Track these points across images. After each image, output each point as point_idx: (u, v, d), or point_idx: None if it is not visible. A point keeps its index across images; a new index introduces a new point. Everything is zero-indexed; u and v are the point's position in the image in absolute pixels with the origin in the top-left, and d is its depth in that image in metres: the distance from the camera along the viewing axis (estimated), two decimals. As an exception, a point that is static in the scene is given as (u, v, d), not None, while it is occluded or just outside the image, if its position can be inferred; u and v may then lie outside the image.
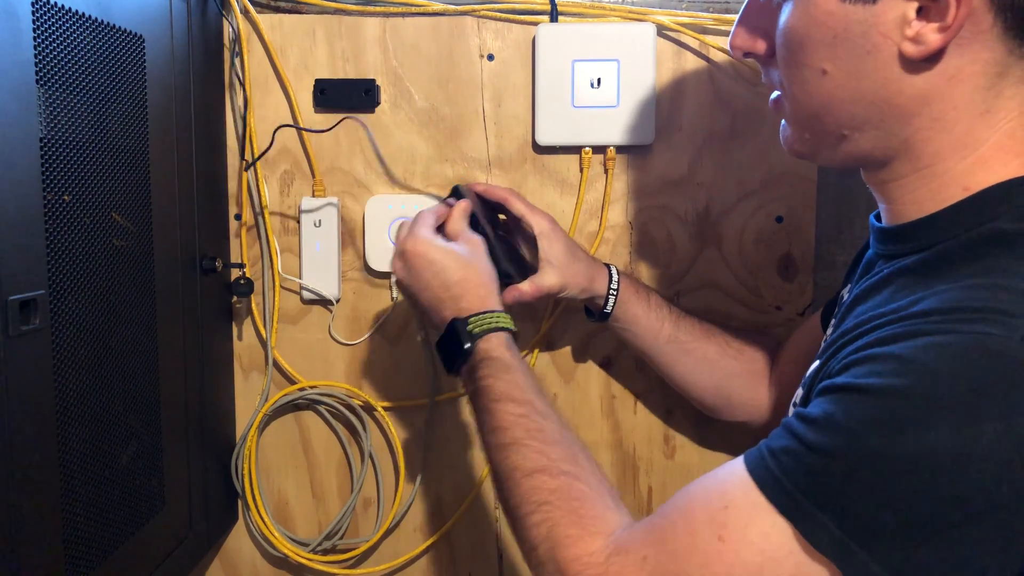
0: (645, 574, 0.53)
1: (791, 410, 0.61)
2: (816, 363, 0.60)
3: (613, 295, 0.84)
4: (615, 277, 0.84)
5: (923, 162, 0.56)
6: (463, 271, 0.74)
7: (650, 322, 0.85)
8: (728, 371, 0.86)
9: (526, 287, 0.81)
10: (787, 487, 0.49)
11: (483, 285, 0.74)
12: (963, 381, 0.45)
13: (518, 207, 0.84)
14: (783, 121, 0.62)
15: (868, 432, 0.46)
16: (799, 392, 0.61)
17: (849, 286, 0.72)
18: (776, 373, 0.86)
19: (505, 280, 0.79)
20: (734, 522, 0.51)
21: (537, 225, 0.82)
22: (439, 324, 0.74)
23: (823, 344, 0.65)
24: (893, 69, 0.53)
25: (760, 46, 0.61)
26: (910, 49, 0.52)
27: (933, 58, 0.52)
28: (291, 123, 0.95)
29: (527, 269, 0.83)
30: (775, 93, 0.62)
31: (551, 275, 0.81)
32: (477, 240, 0.77)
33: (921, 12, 0.51)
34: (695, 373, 0.87)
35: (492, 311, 0.73)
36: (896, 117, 0.55)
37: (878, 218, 0.62)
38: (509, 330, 0.72)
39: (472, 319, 0.72)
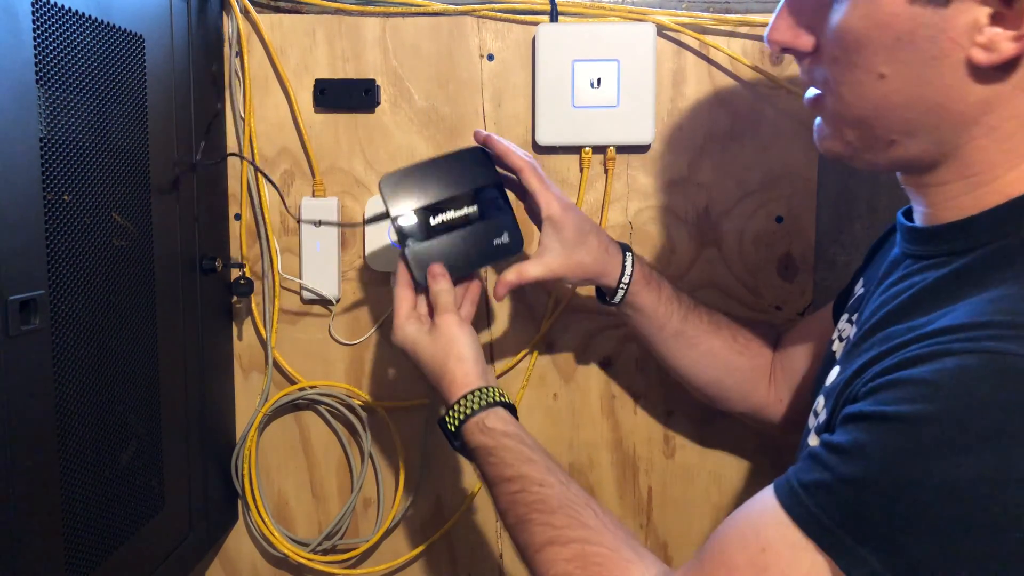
0: None
1: (812, 420, 0.60)
2: (837, 369, 0.58)
3: (623, 289, 0.80)
4: (628, 270, 0.80)
5: (972, 170, 0.53)
6: (450, 356, 0.73)
7: (658, 316, 0.83)
8: (731, 365, 0.85)
9: (510, 276, 0.77)
10: (825, 523, 0.48)
11: (472, 362, 0.73)
12: (993, 404, 0.44)
13: (532, 183, 0.78)
14: (818, 119, 0.59)
15: (902, 461, 0.45)
16: (820, 401, 0.59)
17: (862, 279, 0.71)
18: (779, 364, 0.85)
19: (499, 250, 0.79)
20: (775, 565, 0.50)
21: (546, 208, 0.77)
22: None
23: (845, 344, 0.63)
24: (958, 76, 0.50)
25: (804, 42, 0.57)
26: (980, 56, 0.49)
27: (1003, 66, 0.49)
28: (292, 124, 0.95)
29: (520, 239, 0.80)
30: (813, 91, 0.59)
31: (539, 266, 0.77)
32: (449, 317, 0.75)
33: (995, 18, 0.48)
34: (697, 366, 0.85)
35: (474, 391, 0.71)
36: (952, 124, 0.52)
37: (907, 215, 0.60)
38: (484, 407, 0.71)
39: (451, 411, 0.72)
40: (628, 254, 0.81)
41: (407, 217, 0.77)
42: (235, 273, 0.95)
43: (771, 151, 0.94)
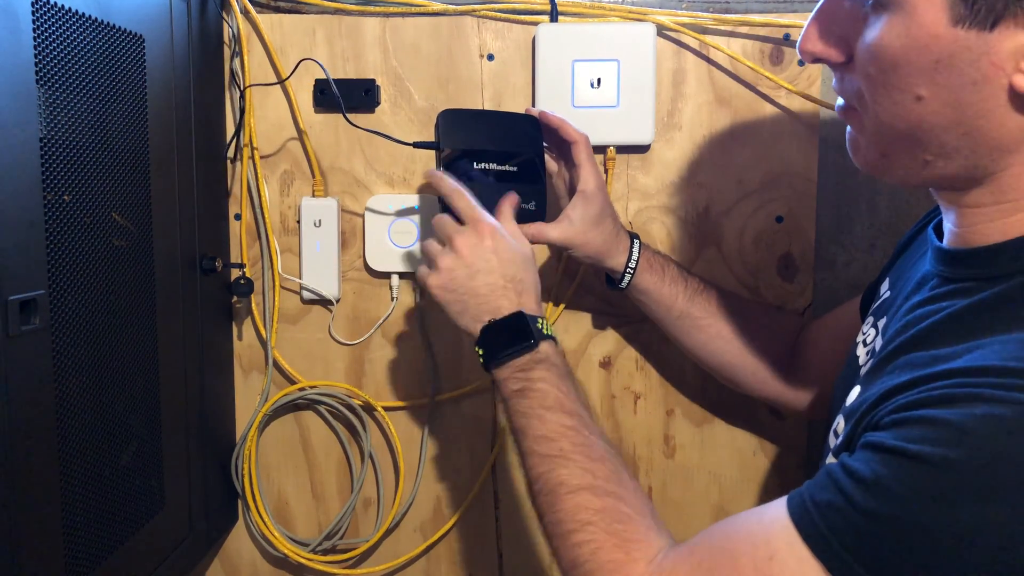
0: None
1: (832, 439, 0.60)
2: (858, 390, 0.58)
3: (629, 273, 0.83)
4: (635, 255, 0.83)
5: (1007, 196, 0.52)
6: (529, 271, 0.74)
7: (662, 297, 0.85)
8: (743, 349, 0.86)
9: (529, 230, 0.80)
10: (835, 547, 0.48)
11: (538, 293, 0.75)
12: (1020, 458, 0.43)
13: (581, 156, 0.82)
14: (849, 129, 0.58)
15: (921, 503, 0.45)
16: (840, 422, 0.58)
17: (888, 279, 0.70)
18: (803, 353, 0.86)
19: (523, 214, 0.81)
20: (779, 575, 0.50)
21: (584, 182, 0.81)
22: (488, 311, 0.72)
23: (869, 354, 0.63)
24: (999, 101, 0.49)
25: (836, 54, 0.55)
26: (1023, 83, 0.48)
27: None
28: (292, 124, 0.95)
29: (545, 212, 0.84)
30: (842, 101, 0.57)
31: (558, 231, 0.81)
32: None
33: None
34: (706, 348, 0.87)
35: (545, 319, 0.72)
36: (991, 150, 0.51)
37: (938, 230, 0.60)
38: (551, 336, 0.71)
39: (541, 319, 0.71)
40: (636, 240, 0.85)
41: (454, 153, 0.81)
42: (235, 273, 0.95)
43: (771, 151, 0.94)
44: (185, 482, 0.86)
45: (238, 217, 0.96)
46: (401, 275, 0.96)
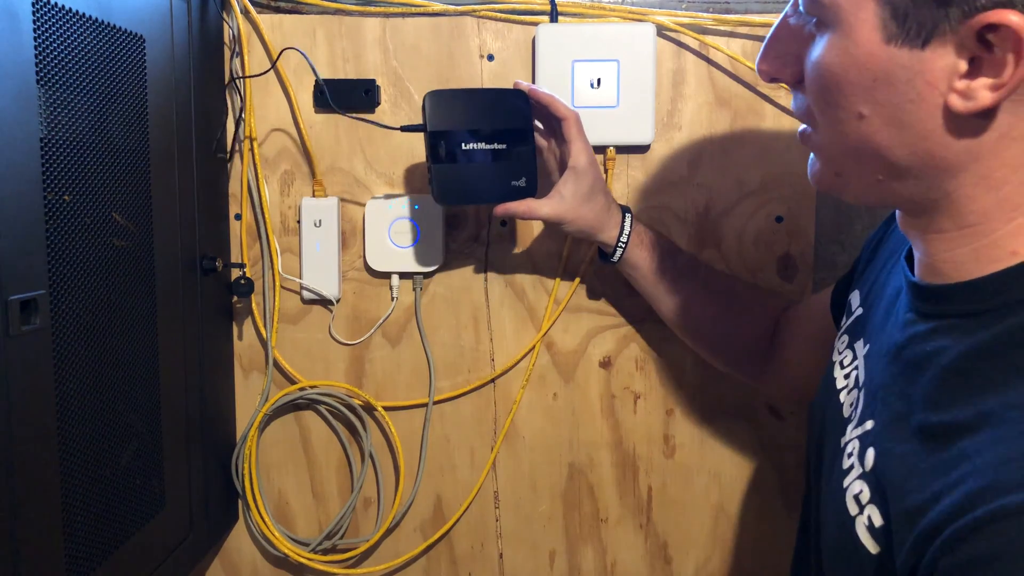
0: None
1: (845, 460, 0.57)
2: (872, 454, 0.54)
3: (621, 247, 0.85)
4: (626, 229, 0.85)
5: (967, 220, 0.51)
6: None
7: (653, 271, 0.87)
8: (726, 333, 0.89)
9: (519, 207, 0.82)
10: None
11: None
12: None
13: (572, 132, 0.83)
14: (812, 155, 0.58)
15: None
16: (863, 488, 0.54)
17: (858, 291, 0.69)
18: (780, 342, 0.87)
19: (515, 191, 0.83)
20: None
21: (575, 157, 0.82)
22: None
23: (856, 384, 0.61)
24: (938, 121, 0.48)
25: (788, 74, 0.56)
26: (958, 104, 0.47)
27: (983, 114, 0.47)
28: (292, 124, 0.95)
29: (535, 187, 0.85)
30: (803, 127, 0.58)
31: (550, 206, 0.82)
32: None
33: (973, 64, 0.46)
34: (691, 328, 0.90)
35: None
36: (940, 170, 0.50)
37: (909, 260, 0.58)
38: None
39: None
40: (627, 215, 0.86)
41: (441, 134, 0.82)
42: (235, 273, 0.95)
43: (771, 151, 0.94)
44: (185, 482, 0.86)
45: (238, 217, 0.96)
46: (401, 275, 0.96)
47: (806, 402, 0.81)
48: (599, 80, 0.91)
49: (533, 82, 0.93)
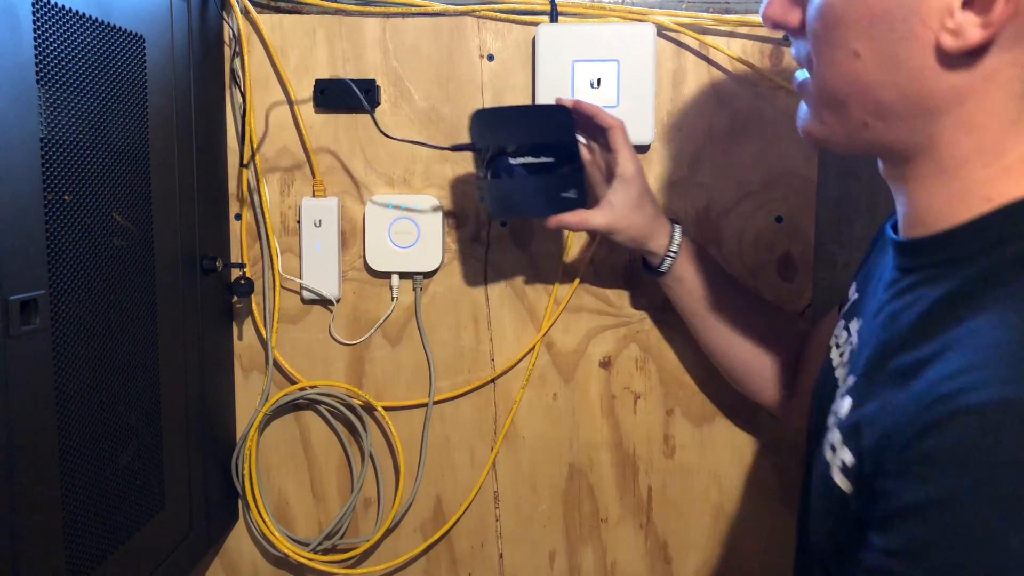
0: None
1: (828, 453, 0.57)
2: (849, 401, 0.56)
3: (671, 257, 0.85)
4: (676, 240, 0.85)
5: (945, 164, 0.53)
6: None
7: (696, 285, 0.86)
8: (760, 354, 0.88)
9: (572, 218, 0.82)
10: None
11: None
12: (1017, 465, 0.41)
13: (618, 141, 0.83)
14: (802, 104, 0.60)
15: (947, 551, 0.42)
16: (837, 436, 0.56)
17: (855, 283, 0.71)
18: (801, 369, 0.86)
19: (565, 203, 0.83)
20: None
21: (622, 166, 0.82)
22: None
23: (846, 358, 0.62)
24: (928, 60, 0.50)
25: (794, 18, 0.57)
26: (948, 41, 0.49)
27: (972, 54, 0.49)
28: (292, 124, 0.95)
29: (586, 198, 0.85)
30: (800, 74, 0.59)
31: (601, 216, 0.82)
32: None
33: (966, 3, 0.48)
34: (726, 351, 0.89)
35: None
36: (925, 111, 0.52)
37: (895, 228, 0.60)
38: None
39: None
40: (677, 226, 0.86)
41: (491, 151, 0.84)
42: (235, 273, 0.95)
43: (771, 151, 0.94)
44: (185, 482, 0.86)
45: (238, 217, 0.96)
46: (401, 275, 0.96)
47: None
48: (599, 80, 0.91)
49: (533, 82, 0.93)
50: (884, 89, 0.52)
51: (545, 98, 0.92)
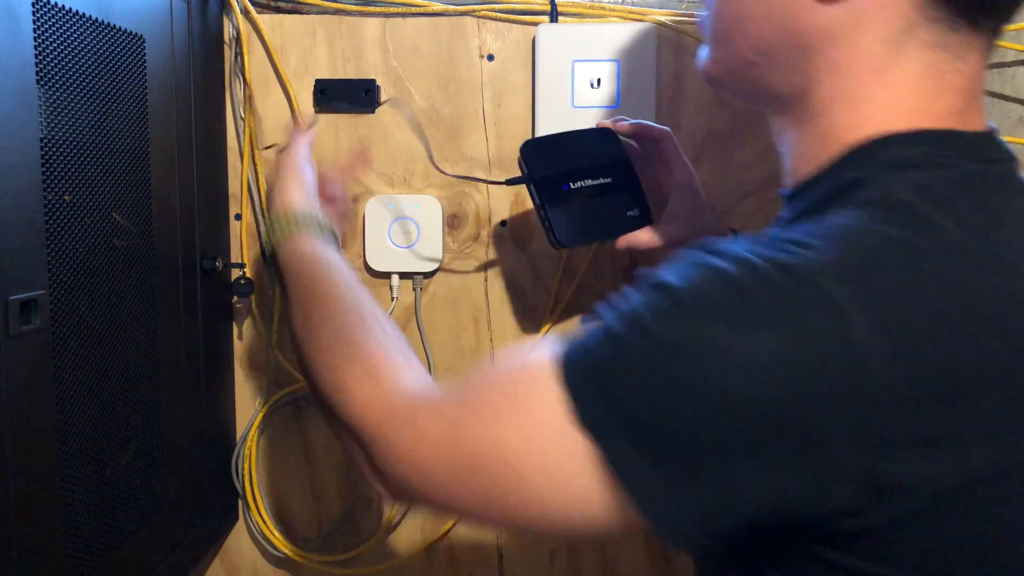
0: (429, 411, 0.54)
1: None
2: None
3: None
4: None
5: (814, 109, 0.54)
6: (297, 179, 0.78)
7: None
8: None
9: (642, 236, 0.80)
10: (579, 365, 0.48)
11: (292, 188, 0.77)
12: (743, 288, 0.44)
13: (670, 150, 0.81)
14: (702, 46, 0.61)
15: (651, 321, 0.45)
16: None
17: None
18: None
19: (630, 222, 0.81)
20: (523, 384, 0.50)
21: (679, 174, 0.80)
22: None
23: None
24: None
25: None
26: None
27: None
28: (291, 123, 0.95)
29: (649, 214, 0.83)
30: (702, 14, 0.61)
31: (671, 229, 0.80)
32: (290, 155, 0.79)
33: None
34: None
35: (311, 213, 0.75)
36: (800, 49, 0.53)
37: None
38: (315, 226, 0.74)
39: (274, 222, 0.74)
40: (736, 233, 0.84)
41: (548, 180, 0.81)
42: (235, 273, 0.95)
43: (771, 151, 0.93)
44: (185, 482, 0.86)
45: (238, 217, 0.96)
46: (401, 275, 0.96)
47: None
48: (599, 80, 0.91)
49: (533, 82, 0.93)
50: (764, 23, 0.54)
51: (545, 98, 0.92)
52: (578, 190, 0.81)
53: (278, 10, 0.95)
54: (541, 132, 0.93)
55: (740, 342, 0.43)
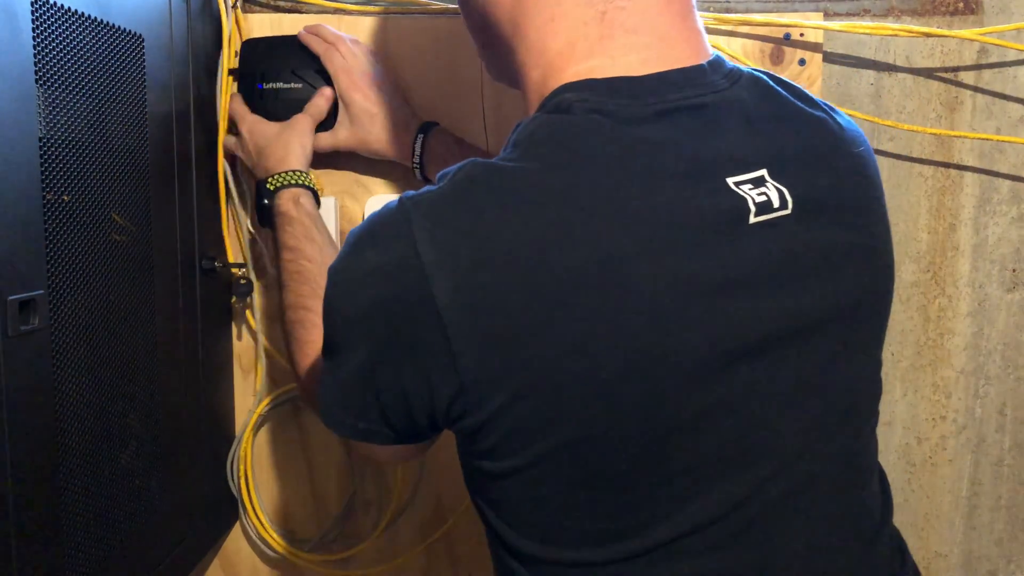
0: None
1: None
2: None
3: (416, 167, 0.89)
4: (417, 151, 0.88)
5: (519, 80, 0.58)
6: (269, 139, 0.86)
7: None
8: None
9: (321, 140, 0.88)
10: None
11: (284, 148, 0.84)
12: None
13: (328, 66, 0.88)
14: None
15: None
16: None
17: None
18: None
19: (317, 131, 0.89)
20: None
21: (343, 84, 0.87)
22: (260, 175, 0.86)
23: None
24: None
25: None
26: None
27: None
28: (291, 123, 0.95)
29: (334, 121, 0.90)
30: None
31: (329, 138, 0.89)
32: (293, 121, 0.87)
33: None
34: None
35: (290, 170, 0.83)
36: (496, 25, 0.57)
37: None
38: (302, 186, 0.83)
39: (270, 179, 0.83)
40: (423, 133, 0.88)
41: (245, 77, 0.90)
42: (235, 273, 0.95)
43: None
44: (184, 482, 0.86)
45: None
46: (401, 275, 0.96)
47: None
48: (599, 80, 0.91)
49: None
50: (471, 17, 0.60)
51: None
52: (269, 91, 0.89)
53: (278, 9, 0.95)
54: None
55: (352, 261, 0.51)
